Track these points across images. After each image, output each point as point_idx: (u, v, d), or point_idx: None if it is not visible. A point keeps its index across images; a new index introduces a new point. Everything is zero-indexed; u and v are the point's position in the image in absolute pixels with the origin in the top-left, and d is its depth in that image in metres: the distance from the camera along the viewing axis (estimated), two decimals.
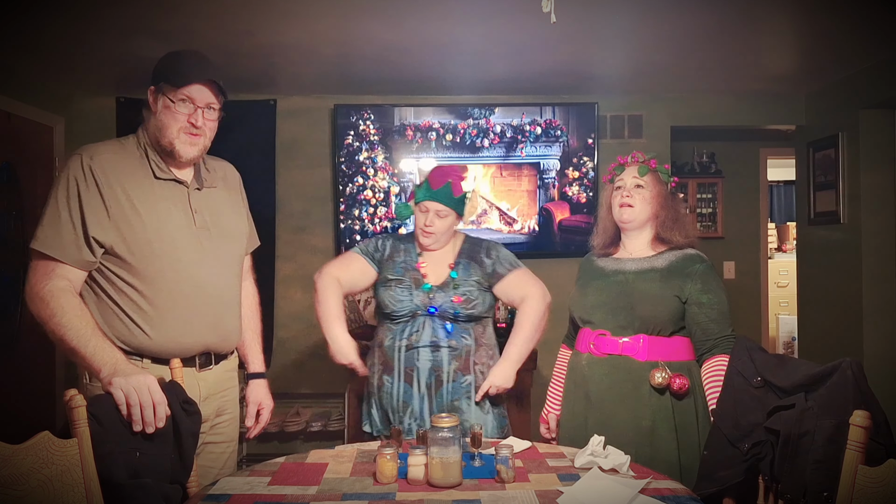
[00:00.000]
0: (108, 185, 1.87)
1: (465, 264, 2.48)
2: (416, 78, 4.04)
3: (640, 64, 3.83)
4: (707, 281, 2.21)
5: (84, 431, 1.57)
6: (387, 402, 2.43)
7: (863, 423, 1.43)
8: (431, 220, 2.44)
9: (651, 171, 2.30)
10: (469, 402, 2.40)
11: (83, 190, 1.85)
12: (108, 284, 1.89)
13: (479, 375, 2.42)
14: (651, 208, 2.28)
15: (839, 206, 4.18)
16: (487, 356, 2.47)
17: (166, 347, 1.92)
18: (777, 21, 3.16)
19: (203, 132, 1.95)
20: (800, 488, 1.64)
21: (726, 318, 2.20)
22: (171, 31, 3.16)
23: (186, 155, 1.94)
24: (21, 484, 1.41)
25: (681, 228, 2.28)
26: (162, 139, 1.93)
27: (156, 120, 1.94)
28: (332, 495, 1.69)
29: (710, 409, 2.08)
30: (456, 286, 2.43)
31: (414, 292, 2.42)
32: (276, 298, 4.41)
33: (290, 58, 3.62)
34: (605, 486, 1.71)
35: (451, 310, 2.40)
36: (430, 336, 2.39)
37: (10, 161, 3.75)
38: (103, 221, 1.86)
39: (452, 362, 2.39)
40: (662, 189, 2.31)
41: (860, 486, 1.40)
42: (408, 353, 2.40)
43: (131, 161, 1.94)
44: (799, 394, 1.73)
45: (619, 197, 2.31)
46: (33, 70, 3.82)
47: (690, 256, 2.25)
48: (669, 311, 2.18)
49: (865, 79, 3.93)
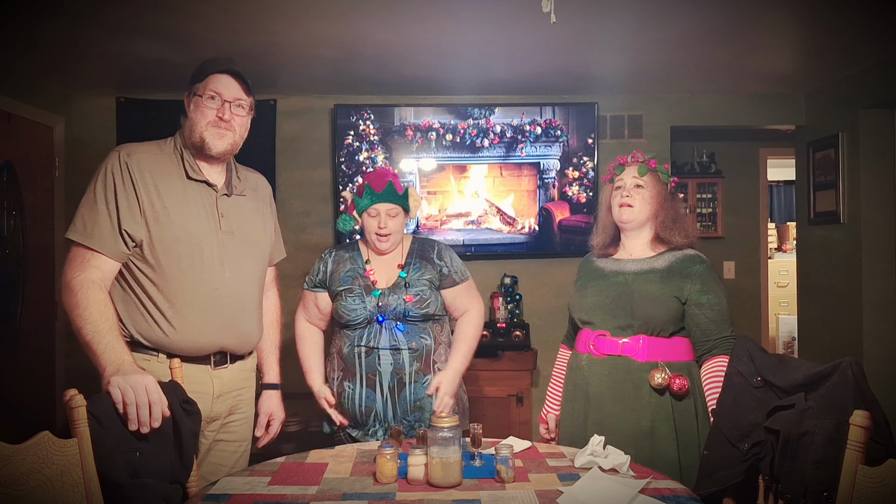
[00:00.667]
0: (143, 182, 1.94)
1: (417, 263, 2.50)
2: (416, 78, 4.04)
3: (640, 64, 3.83)
4: (707, 282, 2.21)
5: (84, 431, 1.57)
6: (348, 406, 2.44)
7: (863, 423, 1.43)
8: (385, 222, 2.45)
9: (651, 171, 2.30)
10: (432, 400, 2.41)
11: (119, 184, 1.92)
12: (132, 278, 1.95)
13: (438, 374, 2.44)
14: (650, 208, 2.28)
15: (839, 206, 4.18)
16: (447, 354, 2.49)
17: (183, 345, 1.96)
18: (777, 21, 3.15)
19: (231, 126, 2.03)
20: (800, 488, 1.64)
21: (726, 319, 2.19)
22: (171, 31, 3.17)
23: (216, 148, 2.00)
24: (21, 484, 1.41)
25: (680, 229, 2.28)
26: (193, 135, 2.00)
27: (188, 120, 2.02)
28: (332, 495, 1.69)
29: (711, 409, 2.08)
30: (407, 285, 2.45)
31: (366, 299, 2.42)
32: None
33: (290, 58, 3.62)
34: (605, 486, 1.71)
35: (403, 310, 2.40)
36: (388, 340, 2.40)
37: (10, 161, 3.75)
38: (136, 216, 1.93)
39: (413, 363, 2.41)
40: (662, 189, 2.30)
41: (860, 486, 1.40)
42: (368, 358, 2.41)
43: (166, 161, 2.02)
44: (799, 394, 1.73)
45: (618, 197, 2.30)
46: (33, 70, 3.82)
47: (690, 257, 2.25)
48: (669, 312, 2.18)
49: (865, 79, 3.93)
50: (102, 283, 1.89)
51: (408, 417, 2.41)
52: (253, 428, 2.24)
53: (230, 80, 2.02)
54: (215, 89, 2.00)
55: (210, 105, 1.99)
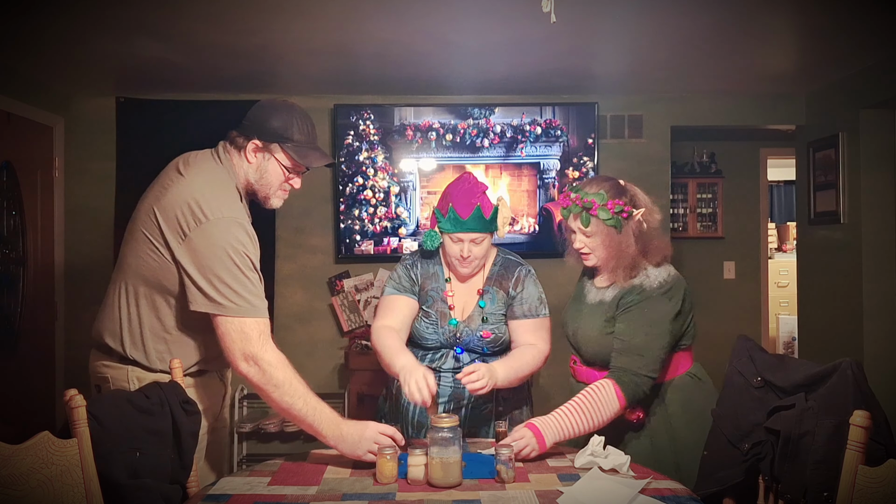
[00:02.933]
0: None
1: (493, 293, 2.32)
2: (416, 78, 4.04)
3: (640, 64, 3.83)
4: (629, 315, 2.10)
5: (84, 431, 1.57)
6: (402, 419, 2.33)
7: (863, 423, 1.43)
8: (469, 250, 2.24)
9: (594, 219, 2.12)
10: (488, 430, 2.29)
11: (252, 254, 1.92)
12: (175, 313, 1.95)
13: (500, 401, 2.32)
14: (603, 252, 2.15)
15: (839, 206, 4.18)
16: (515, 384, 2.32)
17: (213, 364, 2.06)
18: (777, 21, 3.15)
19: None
20: (800, 488, 1.64)
21: (629, 353, 2.06)
22: (172, 31, 3.17)
23: (274, 206, 2.07)
24: (21, 484, 1.41)
25: (624, 268, 2.13)
26: (260, 191, 2.02)
27: (254, 171, 2.00)
28: (332, 495, 1.69)
29: (711, 409, 2.08)
30: (485, 319, 2.29)
31: (440, 329, 2.29)
32: (276, 298, 4.41)
33: (290, 58, 3.62)
34: (605, 486, 1.72)
35: (480, 347, 2.28)
36: (452, 363, 2.29)
37: (10, 161, 3.75)
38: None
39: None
40: (609, 232, 2.12)
41: (860, 486, 1.40)
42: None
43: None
44: (799, 394, 1.73)
45: (575, 244, 2.19)
46: (33, 70, 3.82)
47: (630, 289, 2.13)
48: (606, 350, 2.13)
49: (865, 79, 3.92)
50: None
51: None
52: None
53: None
54: (305, 168, 2.03)
55: (284, 170, 2.01)
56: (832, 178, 4.25)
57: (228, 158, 1.99)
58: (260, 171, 1.99)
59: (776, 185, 7.54)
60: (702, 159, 5.67)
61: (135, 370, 1.92)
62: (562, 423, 2.00)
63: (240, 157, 1.99)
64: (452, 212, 2.23)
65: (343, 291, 4.37)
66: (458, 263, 2.27)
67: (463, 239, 2.24)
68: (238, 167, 1.99)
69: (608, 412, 2.02)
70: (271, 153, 1.98)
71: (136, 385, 1.89)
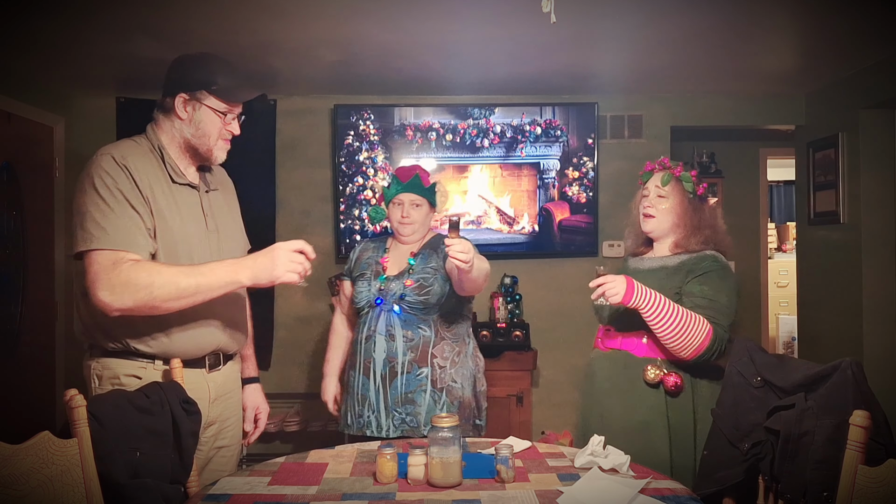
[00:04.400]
0: (145, 185, 1.87)
1: (426, 254, 2.58)
2: (416, 78, 4.04)
3: (640, 64, 3.83)
4: (709, 277, 2.19)
5: (84, 431, 1.57)
6: (350, 396, 2.50)
7: (863, 423, 1.43)
8: (408, 212, 2.56)
9: (675, 180, 2.31)
10: (424, 394, 2.42)
11: (126, 187, 1.83)
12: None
13: (436, 369, 2.44)
14: (672, 217, 2.30)
15: (839, 206, 4.18)
16: (452, 351, 2.48)
17: (184, 347, 1.93)
18: (777, 21, 3.15)
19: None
20: (800, 488, 1.64)
21: (717, 310, 2.15)
22: (171, 31, 3.17)
23: (220, 160, 2.02)
24: (21, 484, 1.41)
25: (702, 236, 2.27)
26: (200, 145, 1.97)
27: (189, 126, 1.96)
28: (332, 495, 1.69)
29: (712, 410, 2.08)
30: (410, 272, 2.52)
31: (372, 283, 2.54)
32: (276, 298, 4.41)
33: (290, 58, 3.62)
34: (605, 486, 1.71)
35: (401, 293, 2.46)
36: (385, 326, 2.46)
37: (10, 161, 3.75)
38: (148, 219, 1.86)
39: (408, 353, 2.42)
40: (684, 198, 2.30)
41: (860, 486, 1.40)
42: (366, 344, 2.46)
43: (153, 164, 1.95)
44: (799, 394, 1.73)
45: (642, 206, 2.34)
46: (33, 70, 3.82)
47: (703, 256, 2.25)
48: None
49: (865, 79, 3.92)
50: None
51: (398, 409, 2.41)
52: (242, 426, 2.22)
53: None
54: (233, 104, 1.97)
55: (220, 117, 1.96)
56: (832, 178, 4.25)
57: (154, 131, 1.98)
58: (194, 123, 1.95)
59: (776, 185, 7.54)
60: (702, 159, 5.67)
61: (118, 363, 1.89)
62: (654, 296, 2.10)
63: (171, 119, 1.97)
64: (394, 178, 2.61)
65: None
66: (399, 226, 2.57)
67: (403, 201, 2.56)
68: (169, 132, 1.97)
69: (693, 335, 2.08)
70: (200, 101, 1.94)
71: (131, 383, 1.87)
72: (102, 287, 1.76)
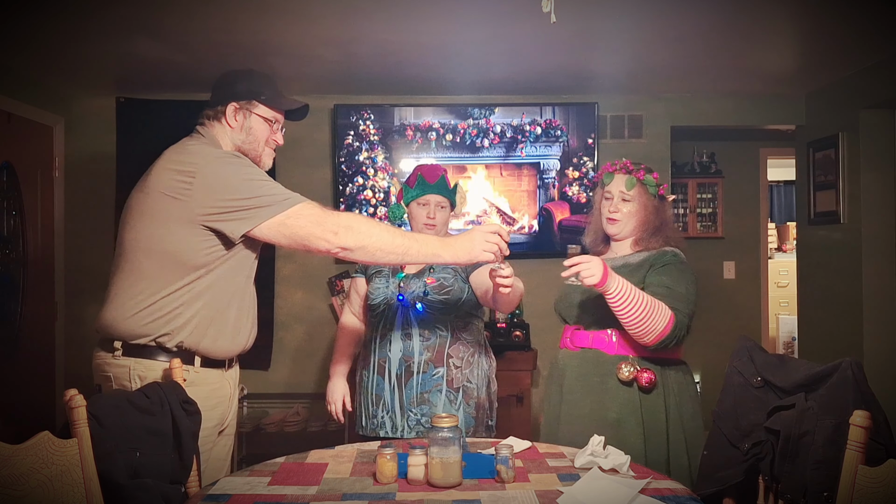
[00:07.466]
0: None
1: None
2: (416, 78, 4.04)
3: (640, 64, 3.83)
4: (669, 269, 2.22)
5: (84, 431, 1.57)
6: (364, 396, 2.48)
7: (863, 423, 1.43)
8: (434, 213, 2.51)
9: (638, 184, 2.31)
10: (440, 395, 2.40)
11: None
12: (190, 286, 1.94)
13: (452, 369, 2.42)
14: (636, 220, 2.32)
15: (839, 206, 4.18)
16: (467, 352, 2.45)
17: (228, 350, 2.03)
18: (777, 21, 3.15)
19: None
20: (800, 488, 1.64)
21: (676, 298, 2.16)
22: (171, 31, 3.17)
23: (267, 166, 2.12)
24: (21, 484, 1.41)
25: (662, 236, 2.31)
26: (250, 151, 2.08)
27: (240, 133, 2.07)
28: (332, 495, 1.69)
29: (713, 410, 2.08)
30: (431, 270, 2.48)
31: (390, 281, 2.49)
32: (276, 298, 4.41)
33: (290, 58, 3.62)
34: (605, 486, 1.71)
35: (423, 291, 2.43)
36: (402, 324, 2.42)
37: (10, 161, 3.75)
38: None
39: (424, 352, 2.40)
40: (648, 201, 2.32)
41: (860, 486, 1.40)
42: (381, 342, 2.44)
43: None
44: (799, 394, 1.73)
45: (606, 208, 2.35)
46: (33, 70, 3.82)
47: (664, 252, 2.28)
48: None
49: (865, 79, 3.92)
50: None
51: (413, 409, 2.40)
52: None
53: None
54: (279, 112, 2.10)
55: (268, 124, 2.09)
56: (832, 178, 4.25)
57: (210, 132, 2.06)
58: (245, 130, 2.07)
59: (776, 185, 7.54)
60: (702, 159, 5.67)
61: (139, 363, 1.93)
62: (623, 280, 2.10)
63: (222, 125, 2.06)
64: (421, 178, 2.52)
65: (343, 291, 4.37)
66: (425, 228, 2.51)
67: (429, 202, 2.51)
68: (222, 137, 2.05)
69: (655, 320, 2.09)
70: (250, 110, 2.06)
71: (139, 383, 1.90)
72: (327, 230, 1.91)
